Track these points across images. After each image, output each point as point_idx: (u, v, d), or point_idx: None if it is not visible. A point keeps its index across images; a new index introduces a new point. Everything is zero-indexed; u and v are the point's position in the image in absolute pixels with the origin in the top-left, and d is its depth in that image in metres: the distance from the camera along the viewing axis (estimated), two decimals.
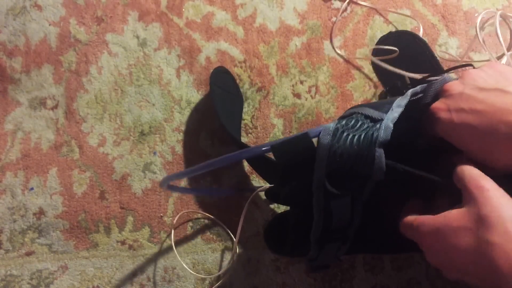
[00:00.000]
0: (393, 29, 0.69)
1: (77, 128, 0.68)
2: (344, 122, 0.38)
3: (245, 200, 0.64)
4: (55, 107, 0.69)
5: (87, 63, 0.70)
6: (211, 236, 0.64)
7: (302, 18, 0.70)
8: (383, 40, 0.63)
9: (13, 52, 0.71)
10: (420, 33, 0.66)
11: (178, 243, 0.63)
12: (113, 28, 0.71)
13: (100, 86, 0.69)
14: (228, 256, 0.63)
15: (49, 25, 0.72)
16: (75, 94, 0.69)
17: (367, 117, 0.39)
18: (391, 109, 0.38)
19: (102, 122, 0.68)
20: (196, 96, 0.68)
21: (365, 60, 0.68)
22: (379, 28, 0.69)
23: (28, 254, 0.65)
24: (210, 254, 0.63)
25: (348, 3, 0.70)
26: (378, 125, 0.36)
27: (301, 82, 0.68)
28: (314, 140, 0.38)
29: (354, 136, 0.36)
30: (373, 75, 0.67)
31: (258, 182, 0.65)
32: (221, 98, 0.62)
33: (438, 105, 0.37)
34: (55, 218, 0.65)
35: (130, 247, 0.64)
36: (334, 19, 0.70)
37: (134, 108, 0.68)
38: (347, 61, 0.68)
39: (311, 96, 0.67)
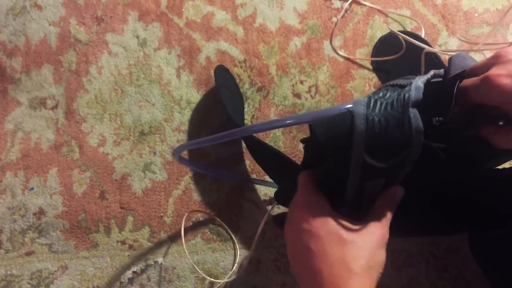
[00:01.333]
0: (393, 29, 0.69)
1: (77, 128, 0.68)
2: (375, 93, 0.37)
3: (245, 200, 0.64)
4: (55, 107, 0.69)
5: (87, 63, 0.70)
6: (211, 236, 0.64)
7: (302, 18, 0.70)
8: (384, 39, 0.63)
9: (13, 52, 0.71)
10: (422, 34, 0.66)
11: (178, 242, 0.63)
12: (113, 28, 0.71)
13: (100, 86, 0.69)
14: (228, 256, 0.63)
15: (49, 25, 0.72)
16: (75, 94, 0.69)
17: (395, 85, 0.38)
18: (418, 76, 0.38)
19: (102, 122, 0.68)
20: (196, 96, 0.68)
21: (366, 60, 0.68)
22: (379, 28, 0.69)
23: (28, 254, 0.65)
24: (210, 254, 0.63)
25: (350, 4, 0.70)
26: (408, 87, 0.36)
27: (301, 82, 0.68)
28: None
29: (387, 103, 0.35)
30: (373, 75, 0.67)
31: (260, 179, 0.65)
32: (226, 94, 0.62)
33: (497, 71, 0.34)
34: (55, 218, 0.65)
35: (130, 247, 0.64)
36: (334, 19, 0.70)
37: (134, 108, 0.68)
38: (347, 60, 0.68)
39: (311, 96, 0.67)
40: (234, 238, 0.63)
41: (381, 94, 0.37)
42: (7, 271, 0.64)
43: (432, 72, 0.38)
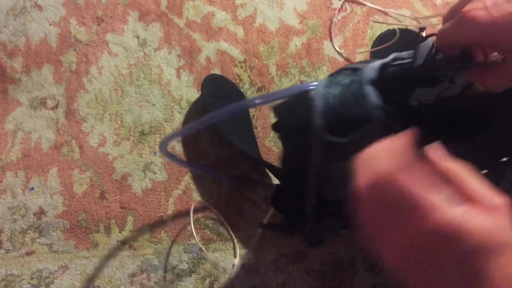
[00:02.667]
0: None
1: (77, 128, 0.68)
2: (333, 76, 0.39)
3: (245, 200, 0.64)
4: (55, 107, 0.69)
5: (87, 63, 0.70)
6: (211, 236, 0.64)
7: (302, 18, 0.70)
8: (383, 37, 0.63)
9: (14, 52, 0.71)
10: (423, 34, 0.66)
11: (178, 242, 0.64)
12: (113, 28, 0.71)
13: (100, 86, 0.69)
14: (228, 256, 0.63)
15: (50, 25, 0.72)
16: (76, 94, 0.69)
17: (353, 69, 0.39)
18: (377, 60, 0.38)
19: (102, 122, 0.68)
20: (196, 96, 0.68)
21: (362, 53, 0.68)
22: (379, 28, 0.69)
23: (29, 253, 0.65)
24: (210, 254, 0.63)
25: (350, 4, 0.70)
26: (364, 68, 0.37)
27: (301, 82, 0.68)
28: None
29: (345, 83, 0.37)
30: None
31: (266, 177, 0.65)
32: (215, 104, 0.62)
33: (471, 6, 0.32)
34: (55, 218, 0.65)
35: (130, 246, 0.64)
36: (334, 19, 0.70)
37: (134, 108, 0.68)
38: (347, 60, 0.68)
39: None
40: (234, 238, 0.63)
41: (339, 78, 0.38)
42: (7, 270, 0.64)
43: (393, 55, 0.39)
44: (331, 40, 0.69)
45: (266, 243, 0.63)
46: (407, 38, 0.60)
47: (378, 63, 0.37)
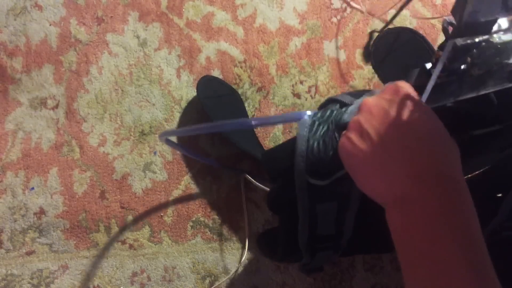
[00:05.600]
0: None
1: (77, 128, 0.68)
2: (319, 114, 0.38)
3: (246, 200, 0.64)
4: (55, 107, 0.69)
5: (87, 63, 0.70)
6: (211, 236, 0.64)
7: (302, 18, 0.70)
8: (382, 37, 0.63)
9: (14, 52, 0.71)
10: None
11: (178, 242, 0.64)
12: (114, 28, 0.71)
13: (100, 86, 0.69)
14: (228, 256, 0.63)
15: (50, 25, 0.72)
16: (76, 94, 0.69)
17: (341, 104, 0.38)
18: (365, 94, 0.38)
19: (102, 122, 0.68)
20: (196, 96, 0.68)
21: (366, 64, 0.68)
22: (379, 28, 0.69)
23: (29, 253, 0.65)
24: (210, 254, 0.63)
25: (350, 5, 0.70)
26: (344, 109, 0.36)
27: (301, 82, 0.68)
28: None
29: (326, 125, 0.37)
30: (373, 75, 0.67)
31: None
32: (212, 105, 0.63)
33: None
34: (55, 217, 0.65)
35: (131, 246, 0.64)
36: (334, 19, 0.70)
37: (134, 108, 0.68)
38: (347, 60, 0.68)
39: (310, 96, 0.67)
40: (234, 238, 0.63)
41: (325, 116, 0.38)
42: (7, 270, 0.64)
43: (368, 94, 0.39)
44: (336, 36, 0.69)
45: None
46: (406, 38, 0.60)
47: (352, 107, 0.36)
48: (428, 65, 0.34)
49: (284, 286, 0.62)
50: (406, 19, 0.69)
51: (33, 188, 0.67)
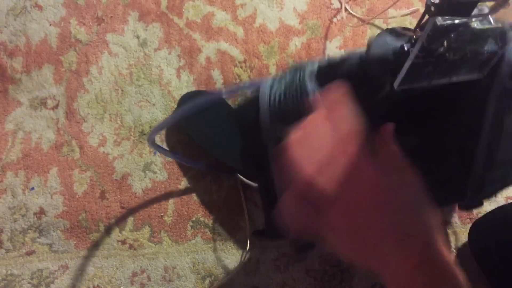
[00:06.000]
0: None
1: (77, 128, 0.68)
2: (279, 75, 0.42)
3: (246, 200, 0.64)
4: (55, 107, 0.69)
5: (87, 63, 0.70)
6: (211, 236, 0.64)
7: (302, 18, 0.70)
8: (379, 35, 0.63)
9: (14, 52, 0.71)
10: None
11: (178, 242, 0.64)
12: (114, 28, 0.71)
13: (100, 86, 0.69)
14: (228, 256, 0.63)
15: (50, 25, 0.72)
16: (76, 94, 0.69)
17: (297, 67, 0.41)
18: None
19: (102, 122, 0.68)
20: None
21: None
22: (379, 29, 0.69)
23: (29, 253, 0.65)
24: (210, 254, 0.63)
25: (349, 5, 0.70)
26: (306, 65, 0.40)
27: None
28: None
29: (287, 80, 0.40)
30: None
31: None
32: (202, 123, 0.63)
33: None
34: (55, 217, 0.65)
35: (131, 246, 0.64)
36: (334, 19, 0.70)
37: (134, 108, 0.68)
38: None
39: None
40: (234, 238, 0.63)
41: (285, 75, 0.41)
42: (7, 270, 0.64)
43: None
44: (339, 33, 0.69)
45: (266, 243, 0.63)
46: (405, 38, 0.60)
47: (318, 59, 0.40)
48: (407, 46, 0.35)
49: (284, 286, 0.62)
50: (405, 19, 0.69)
51: (33, 188, 0.67)
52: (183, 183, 0.65)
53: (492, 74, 0.35)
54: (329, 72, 0.39)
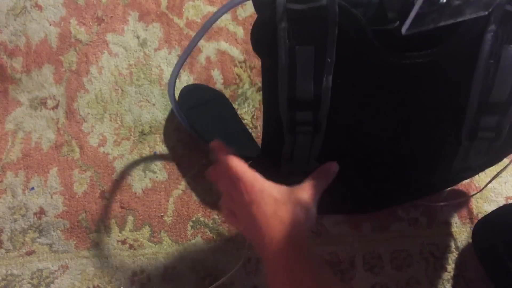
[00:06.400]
0: None
1: (77, 128, 0.68)
2: None
3: None
4: (55, 107, 0.69)
5: (87, 63, 0.70)
6: (211, 236, 0.64)
7: None
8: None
9: (14, 52, 0.71)
10: None
11: (178, 242, 0.64)
12: (114, 28, 0.71)
13: (100, 86, 0.69)
14: (228, 256, 0.63)
15: (50, 25, 0.72)
16: (76, 94, 0.69)
17: None
18: None
19: (102, 122, 0.68)
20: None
21: None
22: None
23: (29, 253, 0.65)
24: (210, 254, 0.63)
25: None
26: None
27: None
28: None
29: None
30: None
31: None
32: (203, 116, 0.63)
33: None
34: (55, 217, 0.65)
35: (131, 246, 0.64)
36: None
37: (134, 108, 0.68)
38: None
39: None
40: (234, 238, 0.63)
41: None
42: (7, 270, 0.64)
43: None
44: None
45: None
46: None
47: None
48: None
49: None
50: None
51: (33, 188, 0.67)
52: (183, 183, 0.65)
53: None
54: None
